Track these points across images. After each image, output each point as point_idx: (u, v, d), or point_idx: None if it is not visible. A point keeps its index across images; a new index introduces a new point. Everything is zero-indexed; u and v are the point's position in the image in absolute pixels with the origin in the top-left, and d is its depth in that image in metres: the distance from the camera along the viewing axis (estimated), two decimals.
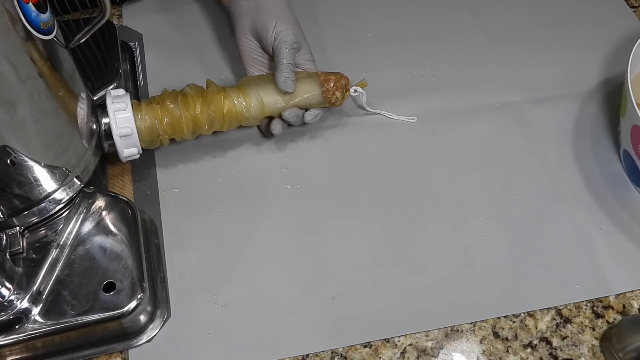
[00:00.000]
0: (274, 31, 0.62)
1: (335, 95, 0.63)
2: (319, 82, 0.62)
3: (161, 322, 0.55)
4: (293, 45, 0.62)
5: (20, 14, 0.44)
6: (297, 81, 0.62)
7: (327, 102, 0.64)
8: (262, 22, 0.63)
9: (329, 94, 0.62)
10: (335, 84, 0.63)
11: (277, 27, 0.62)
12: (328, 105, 0.64)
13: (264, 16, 0.63)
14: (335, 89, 0.62)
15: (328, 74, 0.63)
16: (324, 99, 0.63)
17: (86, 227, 0.54)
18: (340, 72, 0.64)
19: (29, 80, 0.46)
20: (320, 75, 0.63)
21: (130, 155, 0.58)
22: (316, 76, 0.63)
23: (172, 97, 0.59)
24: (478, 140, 0.68)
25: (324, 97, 0.63)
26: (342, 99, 0.64)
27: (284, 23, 0.63)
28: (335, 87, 0.63)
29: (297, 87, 0.62)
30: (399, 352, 0.55)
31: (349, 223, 0.62)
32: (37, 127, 0.48)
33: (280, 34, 0.62)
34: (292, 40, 0.62)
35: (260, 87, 0.61)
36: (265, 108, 0.62)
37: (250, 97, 0.61)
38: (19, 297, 0.49)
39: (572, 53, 0.76)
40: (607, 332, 0.56)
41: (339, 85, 0.63)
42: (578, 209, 0.63)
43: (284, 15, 0.64)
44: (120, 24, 0.77)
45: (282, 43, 0.62)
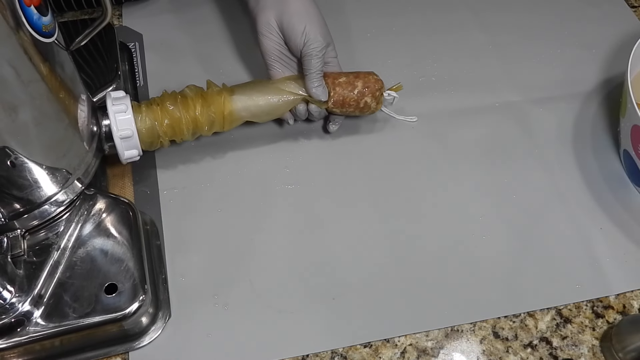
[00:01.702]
0: (303, 35, 0.60)
1: (365, 100, 0.62)
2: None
3: (163, 323, 0.55)
4: (322, 52, 0.61)
5: (22, 17, 0.44)
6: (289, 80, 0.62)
7: (357, 110, 0.63)
8: (291, 22, 0.60)
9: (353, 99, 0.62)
10: (363, 90, 0.62)
11: (307, 30, 0.60)
12: (357, 112, 0.64)
13: (292, 16, 0.60)
14: (359, 97, 0.62)
15: (356, 77, 0.62)
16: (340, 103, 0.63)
17: (87, 229, 0.54)
18: (373, 75, 0.63)
19: (31, 83, 0.46)
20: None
21: (130, 157, 0.58)
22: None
23: (172, 98, 0.59)
24: (478, 140, 0.68)
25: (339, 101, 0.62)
26: (376, 104, 0.63)
27: (314, 25, 0.60)
28: (360, 94, 0.62)
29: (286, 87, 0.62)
30: (399, 352, 0.55)
31: (349, 223, 0.62)
32: (39, 130, 0.48)
33: (310, 39, 0.60)
34: (322, 46, 0.60)
35: (253, 89, 0.62)
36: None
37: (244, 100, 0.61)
38: (20, 299, 0.49)
39: (572, 53, 0.77)
40: (607, 332, 0.56)
41: (368, 90, 0.62)
42: (578, 209, 0.63)
43: (311, 15, 0.61)
44: (120, 24, 0.77)
45: (312, 50, 0.60)
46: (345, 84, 0.62)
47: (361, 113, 0.64)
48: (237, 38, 0.76)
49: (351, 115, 0.66)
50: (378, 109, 0.65)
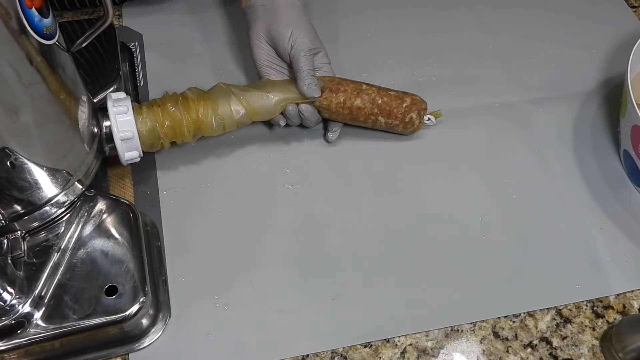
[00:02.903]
0: (290, 39, 0.62)
1: (411, 115, 0.64)
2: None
3: (163, 325, 0.55)
4: (310, 52, 0.63)
5: (23, 20, 0.44)
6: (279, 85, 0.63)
7: (402, 124, 0.64)
8: (278, 29, 0.63)
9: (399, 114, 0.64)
10: (411, 106, 0.64)
11: (293, 34, 0.62)
12: (401, 128, 0.65)
13: (279, 23, 0.63)
14: (405, 112, 0.64)
15: (405, 94, 0.64)
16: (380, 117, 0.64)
17: (87, 231, 0.54)
18: (419, 96, 0.65)
19: (32, 85, 0.46)
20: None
21: (131, 158, 0.58)
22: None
23: (173, 100, 0.59)
24: (478, 140, 0.68)
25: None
26: (419, 122, 0.65)
27: (300, 30, 0.63)
28: (407, 110, 0.64)
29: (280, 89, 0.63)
30: (399, 352, 0.55)
31: (349, 223, 0.62)
32: (40, 131, 0.48)
33: (297, 42, 0.62)
34: (309, 47, 0.62)
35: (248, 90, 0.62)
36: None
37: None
38: (20, 301, 0.49)
39: (572, 53, 0.76)
40: (607, 332, 0.56)
41: (415, 107, 0.64)
42: (578, 209, 0.63)
43: (299, 22, 0.64)
44: (120, 24, 0.77)
45: (299, 51, 0.62)
46: (395, 97, 0.64)
47: (404, 128, 0.66)
48: (237, 39, 0.76)
49: (393, 130, 0.66)
50: (419, 129, 0.66)
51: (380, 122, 0.65)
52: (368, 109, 0.63)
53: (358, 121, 0.65)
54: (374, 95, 0.63)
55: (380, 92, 0.64)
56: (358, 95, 0.63)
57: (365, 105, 0.63)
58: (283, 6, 0.64)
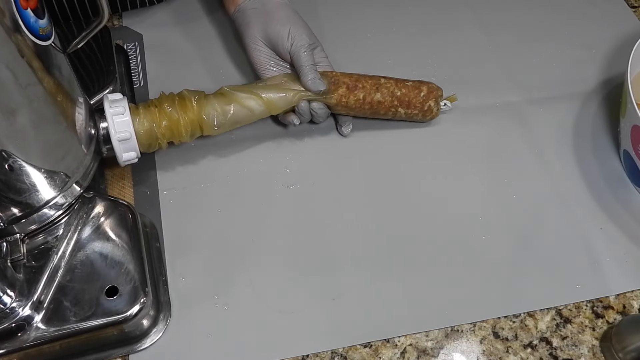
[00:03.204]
0: (289, 37, 0.62)
1: (429, 103, 0.65)
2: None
3: (164, 325, 0.55)
4: (310, 48, 0.63)
5: (19, 20, 0.43)
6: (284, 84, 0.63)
7: (421, 112, 0.65)
8: (275, 29, 0.63)
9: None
10: (428, 94, 0.65)
11: (292, 32, 0.63)
12: (420, 116, 0.66)
13: (276, 23, 0.63)
14: (424, 100, 0.65)
15: (421, 83, 0.65)
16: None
17: (86, 232, 0.54)
18: (434, 84, 0.66)
19: (29, 86, 0.46)
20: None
21: (129, 159, 0.58)
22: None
23: (170, 100, 0.59)
24: (478, 140, 0.68)
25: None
26: (437, 109, 0.66)
27: (297, 27, 0.63)
28: (426, 98, 0.65)
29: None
30: (399, 352, 0.55)
31: (349, 223, 0.62)
32: (37, 133, 0.48)
33: (296, 39, 0.62)
34: (308, 42, 0.63)
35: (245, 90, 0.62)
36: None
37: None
38: (20, 304, 0.49)
39: (572, 53, 0.76)
40: (607, 332, 0.56)
41: (432, 95, 0.65)
42: (578, 209, 0.63)
43: (294, 20, 0.64)
44: (120, 24, 0.77)
45: (299, 48, 0.62)
46: (412, 87, 0.65)
47: (423, 117, 0.67)
48: (237, 39, 0.75)
49: (413, 119, 0.67)
50: (437, 115, 0.67)
51: (400, 113, 0.65)
52: (388, 102, 0.64)
53: (378, 114, 0.66)
54: (392, 88, 0.64)
55: (398, 84, 0.65)
56: (377, 90, 0.64)
57: (385, 99, 0.64)
58: (275, 7, 0.65)
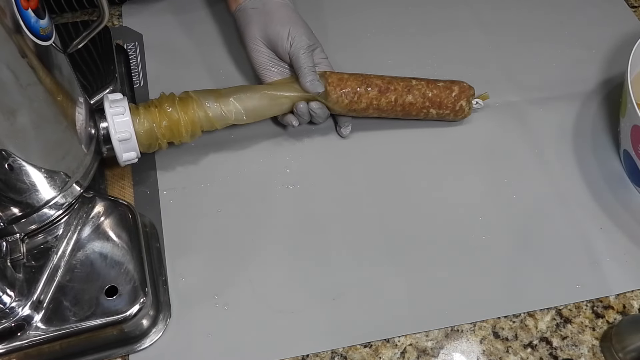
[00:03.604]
0: (288, 38, 0.62)
1: (461, 103, 0.65)
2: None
3: (164, 325, 0.55)
4: (309, 49, 0.63)
5: (20, 21, 0.43)
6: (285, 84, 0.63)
7: (452, 112, 0.66)
8: (275, 30, 0.63)
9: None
10: (460, 94, 0.65)
11: (291, 33, 0.62)
12: (452, 116, 0.66)
13: (276, 24, 0.63)
14: (456, 99, 0.65)
15: (452, 83, 0.66)
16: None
17: (86, 232, 0.54)
18: (466, 83, 0.67)
19: (29, 86, 0.46)
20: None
21: (129, 159, 0.58)
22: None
23: (170, 100, 0.59)
24: (478, 140, 0.68)
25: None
26: (469, 109, 0.66)
27: (297, 28, 0.63)
28: (457, 98, 0.65)
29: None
30: (399, 352, 0.55)
31: (349, 223, 0.62)
32: (37, 133, 0.48)
33: (295, 40, 0.62)
34: (308, 44, 0.63)
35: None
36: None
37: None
38: (20, 304, 0.49)
39: (572, 53, 0.76)
40: (607, 332, 0.56)
41: (463, 95, 0.65)
42: (578, 209, 0.63)
43: (294, 20, 0.64)
44: (120, 24, 0.77)
45: (299, 49, 0.62)
46: (444, 88, 0.65)
47: (455, 116, 0.67)
48: (238, 38, 0.75)
49: (444, 119, 0.68)
50: (469, 114, 0.67)
51: (432, 113, 0.66)
52: (419, 104, 0.65)
53: (410, 115, 0.66)
54: (423, 90, 0.65)
55: (429, 85, 0.65)
56: (409, 92, 0.64)
57: (417, 100, 0.65)
58: (276, 7, 0.64)
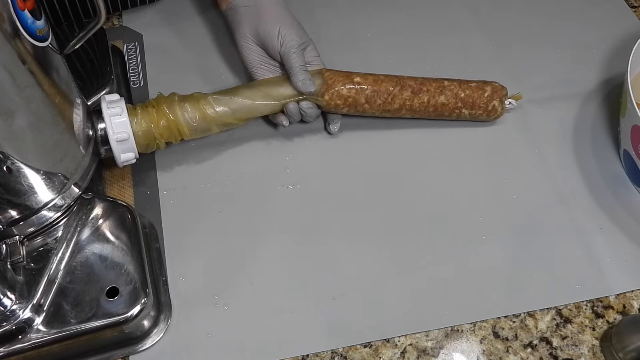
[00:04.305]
0: (279, 37, 0.62)
1: (493, 103, 0.66)
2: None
3: (165, 326, 0.55)
4: (300, 48, 0.62)
5: (16, 22, 0.43)
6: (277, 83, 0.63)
7: (485, 112, 0.66)
8: (265, 29, 0.63)
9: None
10: (492, 94, 0.65)
11: (282, 32, 0.62)
12: (485, 116, 0.66)
13: (266, 22, 0.63)
14: (489, 100, 0.66)
15: (484, 84, 0.66)
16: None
17: (86, 234, 0.54)
18: (498, 83, 0.67)
19: (27, 88, 0.46)
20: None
21: (127, 160, 0.58)
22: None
23: (168, 100, 0.59)
24: (478, 140, 0.68)
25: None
26: (502, 109, 0.66)
27: (287, 27, 0.63)
28: (490, 98, 0.65)
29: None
30: (399, 352, 0.55)
31: (349, 223, 0.62)
32: (35, 135, 0.48)
33: (286, 39, 0.62)
34: (298, 43, 0.62)
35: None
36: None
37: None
38: (21, 306, 0.49)
39: (572, 53, 0.76)
40: (607, 332, 0.56)
41: (496, 95, 0.66)
42: (578, 208, 0.63)
43: (285, 19, 0.64)
44: (120, 24, 0.77)
45: (289, 48, 0.62)
46: (476, 88, 0.66)
47: (488, 116, 0.67)
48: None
49: (477, 119, 0.68)
50: (502, 114, 0.68)
51: (464, 114, 0.66)
52: (452, 104, 0.65)
53: (443, 116, 0.67)
54: (456, 90, 0.65)
55: (461, 85, 0.65)
56: (442, 93, 0.65)
57: (449, 101, 0.65)
58: (266, 5, 0.64)
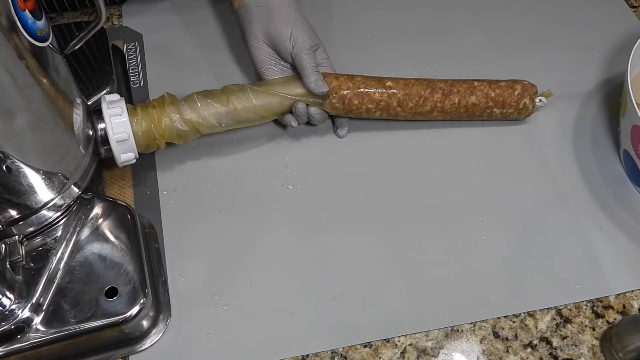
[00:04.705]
0: (291, 38, 0.62)
1: (524, 101, 0.66)
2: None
3: (164, 326, 0.55)
4: (312, 49, 0.63)
5: (17, 22, 0.43)
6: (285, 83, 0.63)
7: (516, 111, 0.66)
8: (277, 29, 0.62)
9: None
10: (522, 92, 0.66)
11: (294, 34, 0.62)
12: (516, 115, 0.67)
13: (279, 23, 0.63)
14: (519, 97, 0.66)
15: (514, 82, 0.66)
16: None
17: (85, 234, 0.54)
18: (528, 81, 0.67)
19: (27, 88, 0.46)
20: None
21: (127, 160, 0.58)
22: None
23: (168, 100, 0.59)
24: (478, 140, 0.68)
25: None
26: (532, 107, 0.67)
27: (299, 29, 0.63)
28: (521, 96, 0.66)
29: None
30: (399, 352, 0.55)
31: (349, 223, 0.62)
32: (35, 134, 0.48)
33: (298, 41, 0.62)
34: (310, 45, 0.62)
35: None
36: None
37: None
38: (20, 306, 0.49)
39: (572, 53, 0.76)
40: (607, 332, 0.56)
41: (526, 93, 0.66)
42: (578, 209, 0.63)
43: (297, 20, 0.63)
44: (120, 24, 0.77)
45: (301, 50, 0.62)
46: (506, 87, 0.66)
47: (519, 115, 0.67)
48: (238, 39, 0.75)
49: (509, 118, 0.68)
50: (533, 112, 0.68)
51: (495, 113, 0.66)
52: (483, 104, 0.66)
53: (474, 116, 0.67)
54: (486, 90, 0.66)
55: (491, 85, 0.66)
56: (472, 93, 0.65)
57: (480, 101, 0.65)
58: (279, 6, 0.64)
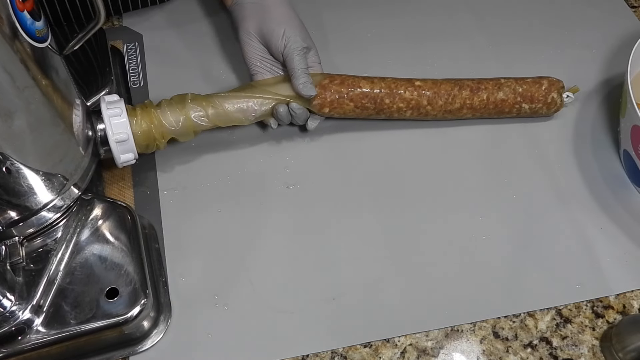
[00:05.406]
0: (283, 37, 0.62)
1: (552, 95, 0.67)
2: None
3: (165, 326, 0.55)
4: (303, 51, 0.62)
5: (16, 23, 0.43)
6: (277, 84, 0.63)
7: (545, 106, 0.67)
8: (270, 27, 0.62)
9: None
10: (550, 87, 0.66)
11: (286, 33, 0.62)
12: (545, 110, 0.67)
13: (272, 21, 0.62)
14: (547, 92, 0.67)
15: (541, 78, 0.67)
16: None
17: (85, 235, 0.53)
18: (554, 78, 0.68)
19: (26, 88, 0.46)
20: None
21: (126, 160, 0.58)
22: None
23: (167, 101, 0.59)
24: (478, 140, 0.68)
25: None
26: (560, 101, 0.67)
27: (292, 28, 0.62)
28: (548, 91, 0.67)
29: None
30: (399, 352, 0.55)
31: (349, 223, 0.62)
32: (35, 136, 0.48)
33: (290, 40, 0.62)
34: (302, 46, 0.62)
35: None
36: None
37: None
38: (20, 307, 0.49)
39: (572, 53, 0.76)
40: (607, 332, 0.56)
41: (554, 87, 0.66)
42: (578, 209, 0.63)
43: (290, 19, 0.63)
44: (120, 24, 0.77)
45: (293, 50, 0.61)
46: (533, 82, 0.67)
47: (548, 110, 0.68)
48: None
49: (537, 113, 0.68)
50: (561, 107, 0.68)
51: (524, 108, 0.67)
52: (511, 99, 0.66)
53: (503, 113, 0.68)
54: (513, 86, 0.66)
55: (518, 81, 0.67)
56: (499, 89, 0.66)
57: (508, 97, 0.66)
58: (273, 4, 0.64)
